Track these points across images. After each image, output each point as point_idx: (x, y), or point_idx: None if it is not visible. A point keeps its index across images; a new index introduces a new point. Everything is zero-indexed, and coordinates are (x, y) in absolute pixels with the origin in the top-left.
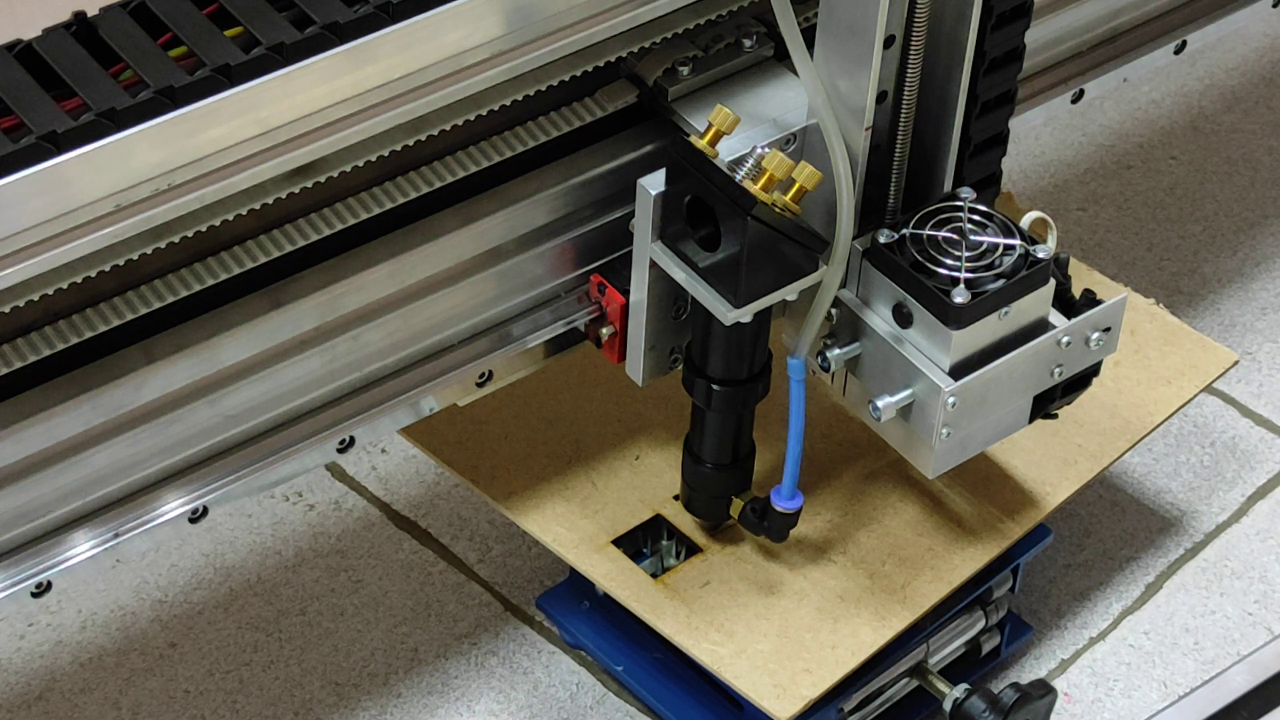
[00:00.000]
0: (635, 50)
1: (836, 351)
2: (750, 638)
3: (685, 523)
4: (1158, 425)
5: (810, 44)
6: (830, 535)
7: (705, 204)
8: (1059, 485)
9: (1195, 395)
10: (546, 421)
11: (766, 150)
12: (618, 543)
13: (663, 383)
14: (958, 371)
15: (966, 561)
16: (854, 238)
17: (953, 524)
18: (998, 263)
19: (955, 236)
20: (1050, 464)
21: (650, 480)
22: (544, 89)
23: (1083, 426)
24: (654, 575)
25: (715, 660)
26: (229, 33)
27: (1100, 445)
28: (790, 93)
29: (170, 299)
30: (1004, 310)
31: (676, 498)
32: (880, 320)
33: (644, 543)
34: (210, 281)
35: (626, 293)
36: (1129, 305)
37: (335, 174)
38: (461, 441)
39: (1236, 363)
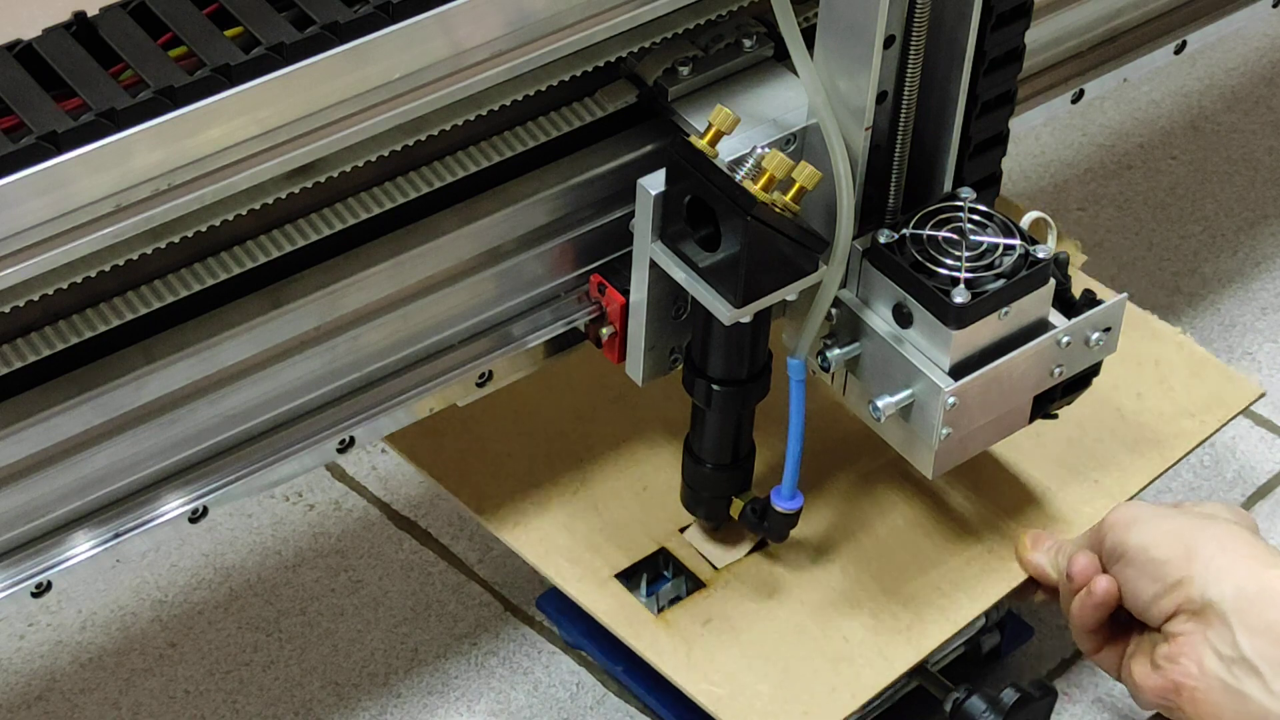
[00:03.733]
0: (635, 50)
1: (836, 351)
2: (749, 679)
3: (690, 556)
4: (1179, 460)
5: (810, 44)
6: (833, 550)
7: (705, 204)
8: (1073, 523)
9: (1219, 429)
10: (552, 446)
11: (766, 150)
12: (621, 577)
13: (671, 407)
14: (958, 371)
15: (974, 601)
16: (854, 238)
17: (967, 547)
18: (998, 263)
19: (955, 236)
20: (1067, 499)
21: (656, 513)
22: (544, 89)
23: (1101, 462)
24: (662, 608)
25: (713, 701)
26: (229, 33)
27: (1119, 481)
28: (790, 93)
29: (170, 299)
30: (1004, 310)
31: (683, 530)
32: (880, 320)
33: (652, 578)
34: (210, 281)
35: (626, 293)
36: (1155, 335)
37: (335, 174)
38: (464, 459)
39: (1263, 395)
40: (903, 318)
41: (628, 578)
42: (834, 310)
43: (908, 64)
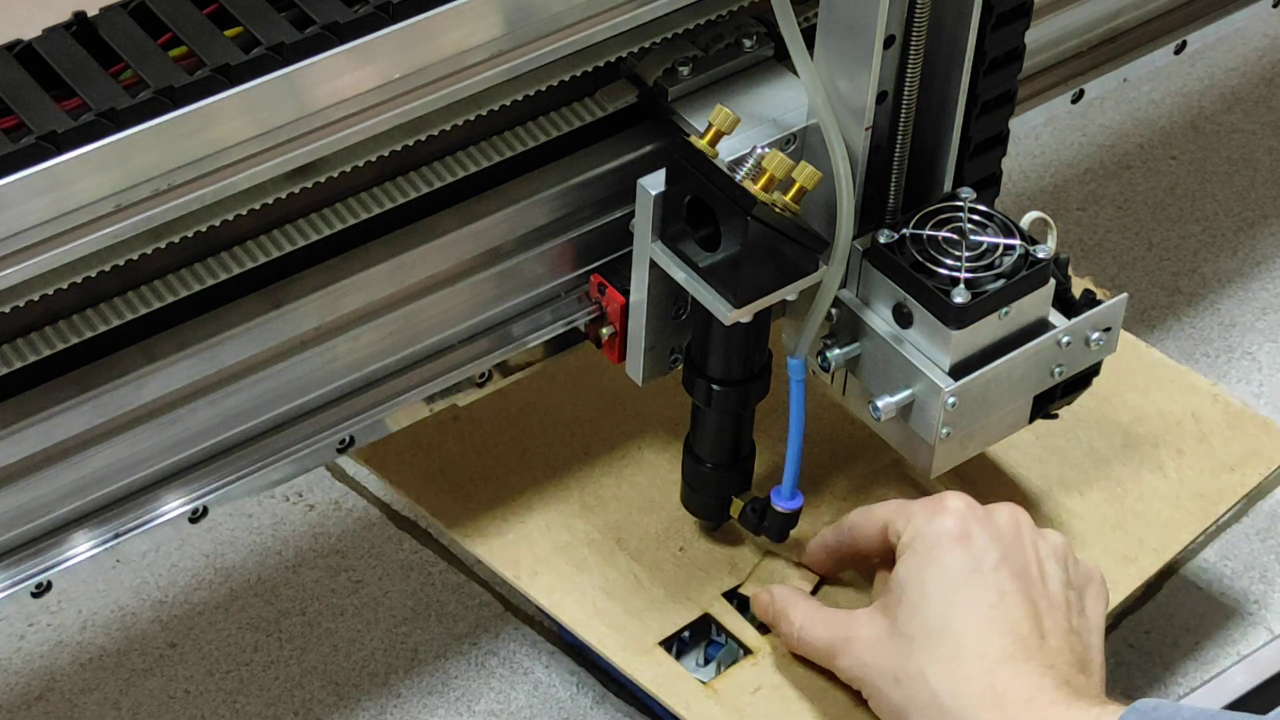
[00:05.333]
0: (635, 50)
1: (836, 351)
2: None
3: (734, 622)
4: (1222, 515)
5: (810, 44)
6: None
7: (705, 204)
8: (1120, 582)
9: (1260, 483)
10: (586, 509)
11: (766, 150)
12: (665, 644)
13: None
14: (958, 371)
15: None
16: (854, 238)
17: None
18: (998, 263)
19: (955, 236)
20: (1110, 560)
21: (696, 575)
22: (544, 89)
23: (1143, 519)
24: (709, 660)
25: None
26: (229, 33)
27: (1162, 539)
28: (790, 93)
29: (170, 299)
30: (1004, 310)
31: (726, 595)
32: (880, 320)
33: (695, 643)
34: (210, 281)
35: (626, 293)
36: (1190, 388)
37: (335, 174)
38: (500, 535)
39: None
40: (903, 318)
41: (670, 644)
42: (834, 310)
43: (908, 64)
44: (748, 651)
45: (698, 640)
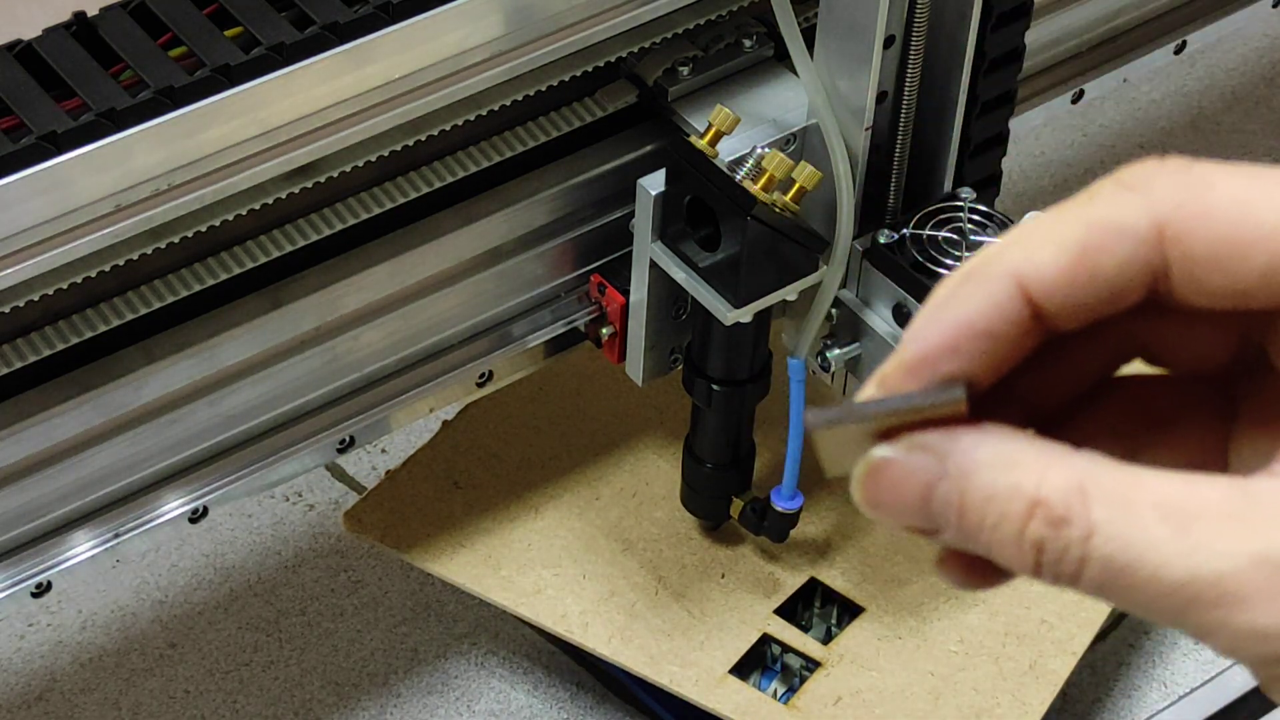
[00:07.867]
0: (635, 50)
1: (836, 352)
2: None
3: (794, 638)
4: None
5: (810, 44)
6: (926, 607)
7: (705, 204)
8: None
9: None
10: (617, 551)
11: (766, 150)
12: (735, 670)
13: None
14: None
15: (1083, 629)
16: (854, 238)
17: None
18: None
19: (955, 236)
20: None
21: (744, 598)
22: (544, 89)
23: None
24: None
25: None
26: (229, 33)
27: None
28: (790, 93)
29: (170, 299)
30: None
31: (777, 611)
32: (880, 320)
33: (760, 666)
34: (210, 281)
35: (626, 293)
36: None
37: (335, 174)
38: (540, 591)
39: None
40: (903, 318)
41: (744, 669)
42: (834, 310)
43: (908, 64)
44: (812, 665)
45: (748, 671)
